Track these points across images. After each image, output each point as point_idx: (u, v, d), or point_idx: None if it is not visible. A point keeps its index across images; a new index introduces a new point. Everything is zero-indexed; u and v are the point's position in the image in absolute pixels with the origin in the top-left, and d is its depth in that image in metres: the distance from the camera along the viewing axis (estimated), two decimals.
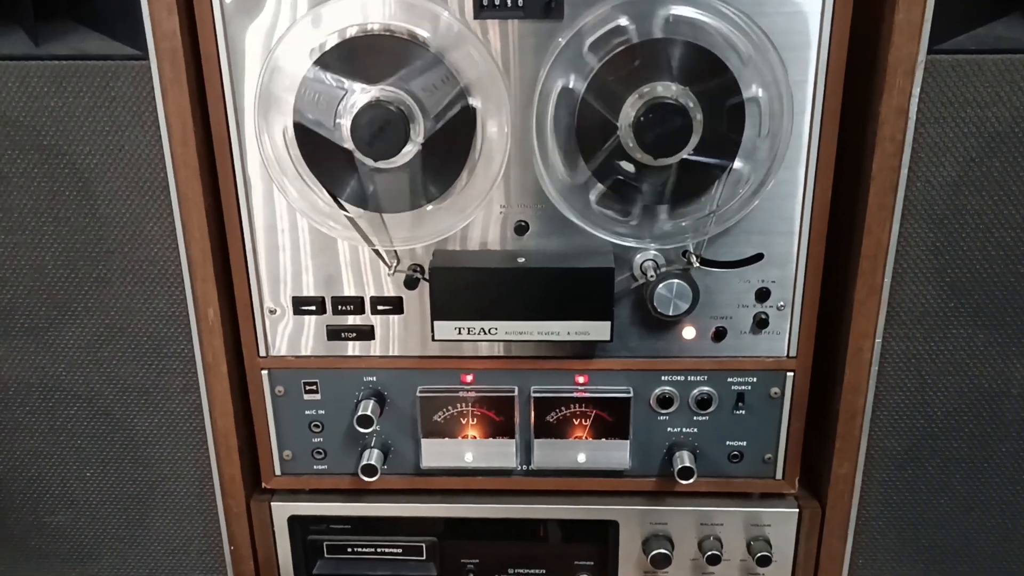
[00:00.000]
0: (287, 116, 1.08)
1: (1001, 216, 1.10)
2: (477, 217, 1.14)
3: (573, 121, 1.08)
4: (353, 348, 1.22)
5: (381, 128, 1.03)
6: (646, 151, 1.05)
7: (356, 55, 1.05)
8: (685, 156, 1.06)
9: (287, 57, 1.06)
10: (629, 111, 1.04)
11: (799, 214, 1.13)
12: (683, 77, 1.04)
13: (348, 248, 1.17)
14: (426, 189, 1.11)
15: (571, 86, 1.06)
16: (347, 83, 1.05)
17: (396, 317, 1.20)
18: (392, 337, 1.21)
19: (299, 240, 1.17)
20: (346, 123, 1.04)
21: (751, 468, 1.27)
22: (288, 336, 1.22)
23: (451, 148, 1.09)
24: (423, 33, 1.06)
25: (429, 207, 1.13)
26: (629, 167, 1.08)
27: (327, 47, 1.05)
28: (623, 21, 1.04)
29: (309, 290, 1.19)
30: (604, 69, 1.04)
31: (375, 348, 1.22)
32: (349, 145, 1.05)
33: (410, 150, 1.06)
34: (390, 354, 1.22)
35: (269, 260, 1.18)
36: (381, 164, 1.08)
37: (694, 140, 1.05)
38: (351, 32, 1.05)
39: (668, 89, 1.04)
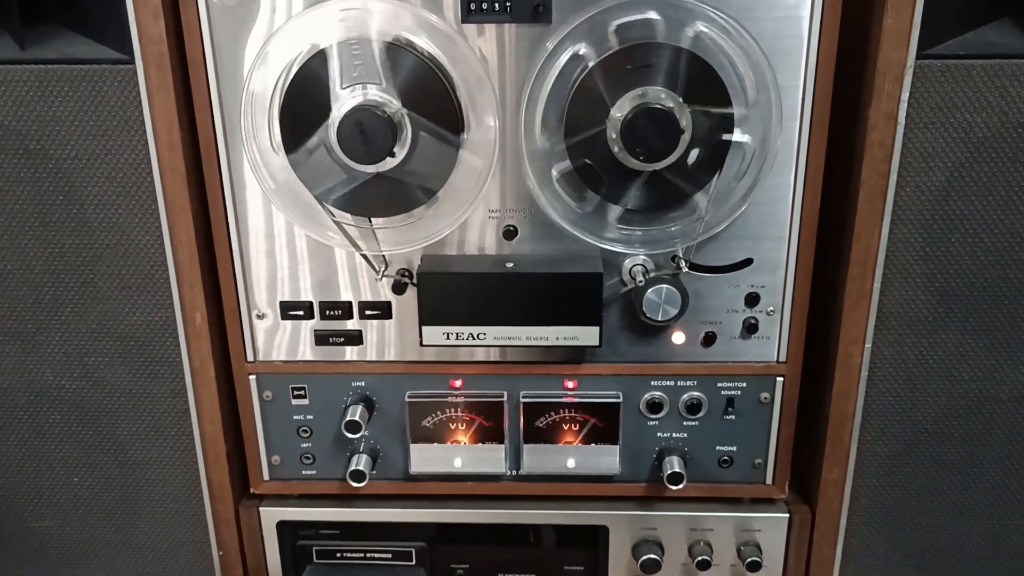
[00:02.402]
0: (274, 119, 1.07)
1: (990, 221, 1.10)
2: (466, 222, 1.14)
3: (561, 127, 1.07)
4: (341, 353, 1.22)
5: (368, 132, 1.03)
6: (636, 157, 1.05)
7: (346, 58, 1.05)
8: (674, 159, 1.06)
9: (276, 58, 1.06)
10: (617, 116, 1.04)
11: (789, 219, 1.13)
12: (675, 85, 1.04)
13: (342, 252, 1.16)
14: (414, 193, 1.10)
15: (582, 53, 1.05)
16: (336, 86, 1.04)
17: (385, 322, 1.20)
18: (381, 342, 1.21)
19: (292, 244, 1.16)
20: (334, 124, 1.04)
21: (741, 473, 1.27)
22: (276, 341, 1.22)
23: (439, 152, 1.08)
24: (413, 37, 1.05)
25: (417, 212, 1.12)
26: (617, 172, 1.08)
27: (318, 48, 1.04)
28: (652, 15, 1.04)
29: (299, 295, 1.19)
30: (588, 79, 1.04)
31: (364, 353, 1.22)
32: (336, 148, 1.05)
33: (397, 155, 1.06)
34: (379, 359, 1.22)
35: (257, 264, 1.18)
36: (368, 168, 1.07)
37: (682, 145, 1.05)
38: (343, 35, 1.05)
39: (659, 96, 1.03)
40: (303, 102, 1.06)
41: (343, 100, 1.05)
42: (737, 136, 1.06)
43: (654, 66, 1.03)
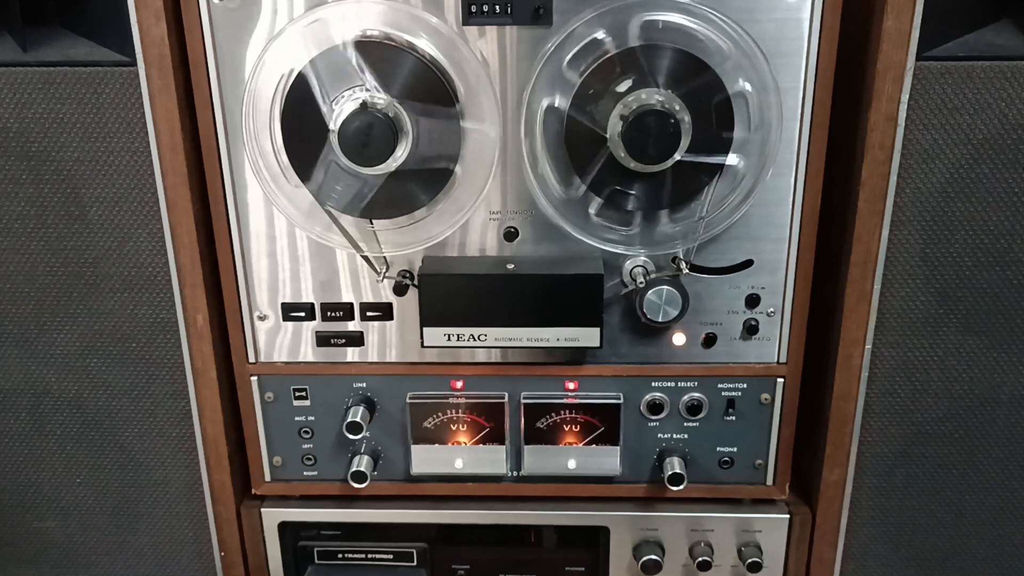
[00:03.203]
0: (275, 121, 1.07)
1: (990, 222, 1.10)
2: (467, 223, 1.14)
3: (562, 132, 1.07)
4: (343, 354, 1.22)
5: (369, 134, 1.03)
6: (638, 159, 1.05)
7: (347, 60, 1.05)
8: (679, 158, 1.06)
9: (278, 60, 1.06)
10: (616, 121, 1.04)
11: (789, 220, 1.13)
12: (666, 81, 1.04)
13: (344, 254, 1.16)
14: (415, 195, 1.10)
15: (556, 104, 1.07)
16: (338, 88, 1.05)
17: (386, 323, 1.20)
18: (382, 343, 1.21)
19: (293, 246, 1.16)
20: (335, 125, 1.04)
21: (742, 474, 1.27)
22: (277, 342, 1.22)
23: (440, 154, 1.09)
24: (414, 40, 1.05)
25: (419, 213, 1.12)
26: (623, 177, 1.08)
27: (319, 50, 1.04)
28: (600, 34, 1.04)
29: (300, 296, 1.19)
30: (585, 83, 1.04)
31: (365, 354, 1.22)
32: (338, 150, 1.05)
33: (398, 156, 1.06)
34: (380, 360, 1.22)
35: (259, 266, 1.18)
36: (370, 170, 1.07)
37: (685, 142, 1.05)
38: (344, 37, 1.05)
39: (652, 95, 1.03)
40: (302, 111, 1.06)
41: (340, 107, 1.05)
42: (733, 87, 1.05)
43: (655, 68, 1.03)
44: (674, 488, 1.22)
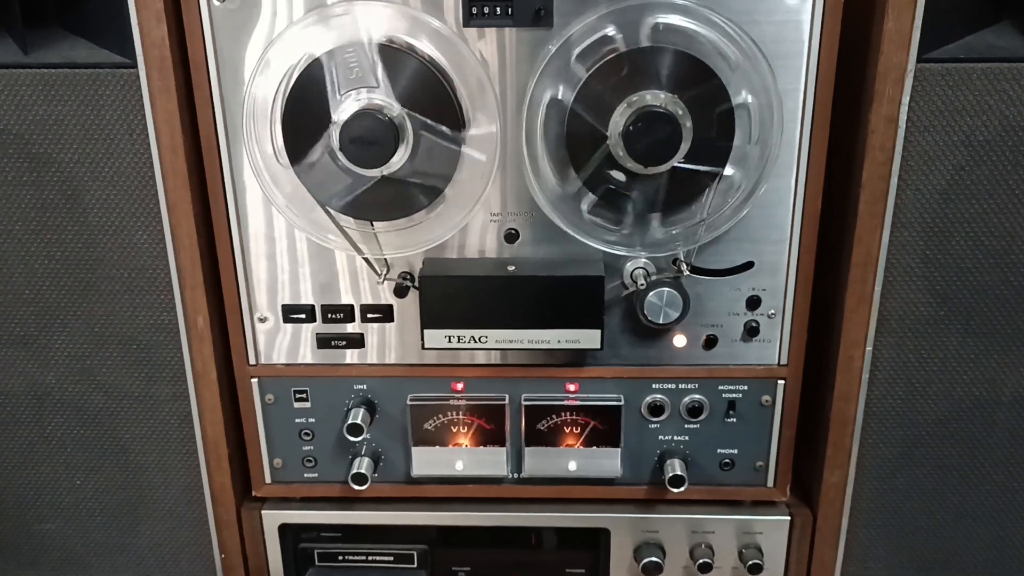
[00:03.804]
0: (276, 123, 1.07)
1: (991, 224, 1.10)
2: (468, 225, 1.14)
3: (563, 130, 1.07)
4: (343, 356, 1.22)
5: (370, 137, 1.03)
6: (636, 160, 1.05)
7: (348, 62, 1.05)
8: (676, 164, 1.06)
9: (278, 62, 1.06)
10: (618, 120, 1.04)
11: (790, 222, 1.13)
12: (671, 85, 1.04)
13: (344, 255, 1.16)
14: (416, 197, 1.10)
15: (560, 96, 1.06)
16: (339, 90, 1.04)
17: (387, 325, 1.20)
18: (382, 345, 1.21)
19: (293, 248, 1.16)
20: (336, 128, 1.04)
21: (742, 476, 1.27)
22: (277, 344, 1.22)
23: (440, 159, 1.09)
24: (415, 42, 1.05)
25: (419, 215, 1.12)
26: (620, 176, 1.08)
27: (320, 52, 1.04)
28: (610, 31, 1.04)
29: (300, 298, 1.19)
30: (592, 79, 1.04)
31: (365, 356, 1.22)
32: (338, 152, 1.05)
33: (399, 158, 1.06)
34: (380, 362, 1.22)
35: (259, 267, 1.18)
36: (370, 172, 1.07)
37: (684, 148, 1.05)
38: (345, 39, 1.05)
39: (657, 97, 1.03)
40: (304, 107, 1.06)
41: (344, 105, 1.05)
42: (737, 99, 1.05)
43: (657, 69, 1.03)
44: (675, 490, 1.22)
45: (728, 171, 1.08)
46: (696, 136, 1.05)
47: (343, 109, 1.04)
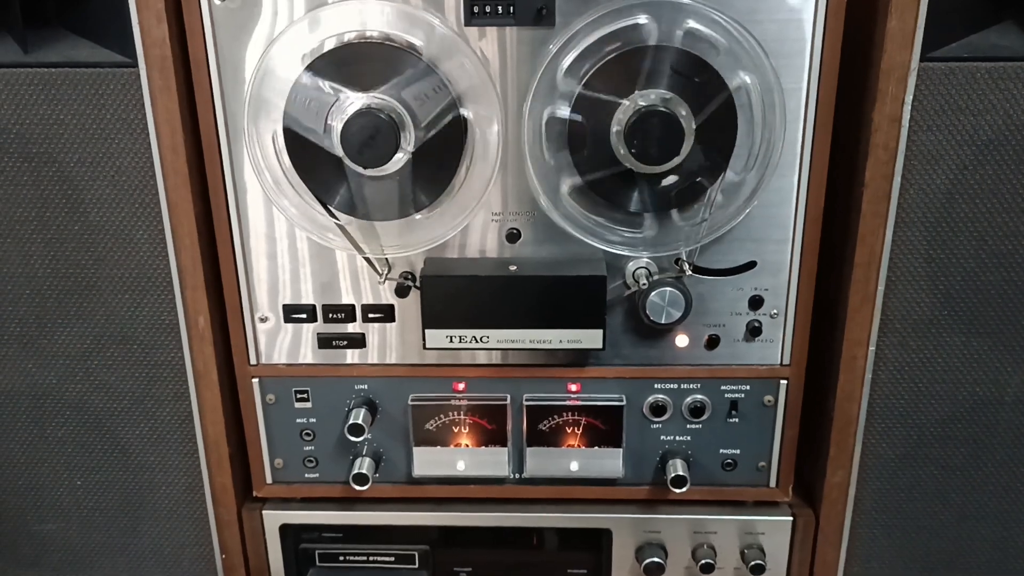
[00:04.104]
0: (277, 122, 1.07)
1: (994, 224, 1.10)
2: (469, 224, 1.14)
3: (565, 130, 1.07)
4: (344, 356, 1.22)
5: (371, 136, 1.03)
6: (640, 160, 1.05)
7: (348, 62, 1.05)
8: (680, 160, 1.05)
9: (278, 62, 1.06)
10: (619, 121, 1.04)
11: (792, 222, 1.13)
12: (679, 88, 1.03)
13: (345, 255, 1.16)
14: (417, 197, 1.10)
15: (559, 111, 1.06)
16: (339, 89, 1.04)
17: (388, 325, 1.20)
18: (383, 345, 1.21)
19: (294, 247, 1.16)
20: (337, 127, 1.04)
21: (745, 476, 1.26)
22: (278, 344, 1.21)
23: (442, 155, 1.08)
24: (416, 41, 1.05)
25: (420, 215, 1.12)
26: (623, 176, 1.07)
27: (321, 52, 1.04)
28: (607, 31, 1.03)
29: (301, 298, 1.19)
30: (591, 82, 1.04)
31: (366, 356, 1.21)
32: (339, 152, 1.05)
33: (400, 158, 1.06)
34: (382, 362, 1.22)
35: (261, 267, 1.17)
36: (371, 172, 1.07)
37: (688, 143, 1.04)
38: (345, 38, 1.05)
39: (655, 96, 1.03)
40: (305, 107, 1.05)
41: (345, 106, 1.04)
42: (733, 82, 1.05)
43: (658, 69, 1.03)
44: (677, 490, 1.21)
45: (733, 164, 1.08)
46: (699, 131, 1.04)
47: (344, 110, 1.04)
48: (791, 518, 1.28)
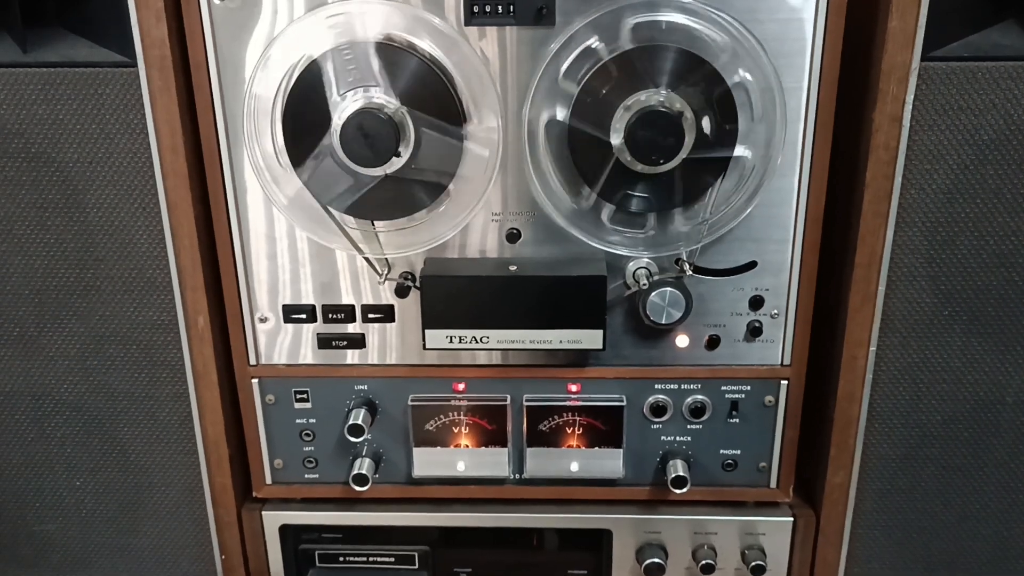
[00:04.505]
0: (311, 50, 1.05)
1: (995, 224, 1.10)
2: (469, 224, 1.14)
3: (565, 143, 1.07)
4: (344, 356, 1.21)
5: (371, 135, 1.03)
6: (644, 161, 1.05)
7: (345, 64, 1.04)
8: (685, 157, 1.05)
9: (279, 62, 1.06)
10: (619, 126, 1.04)
11: (793, 222, 1.13)
12: (666, 80, 1.03)
13: (345, 255, 1.16)
14: (418, 197, 1.10)
15: (557, 115, 1.06)
16: (379, 76, 1.04)
17: (388, 325, 1.19)
18: (383, 345, 1.21)
19: (294, 248, 1.16)
20: (335, 128, 1.04)
21: (745, 477, 1.26)
22: (278, 344, 1.21)
23: (442, 155, 1.08)
24: (416, 40, 1.05)
25: (420, 215, 1.12)
26: (625, 176, 1.07)
27: (299, 69, 1.04)
28: (594, 42, 1.03)
29: (300, 298, 1.18)
30: (587, 88, 1.04)
31: (366, 356, 1.21)
32: (342, 156, 1.04)
33: (400, 157, 1.06)
34: (382, 362, 1.21)
35: (260, 268, 1.17)
36: (371, 171, 1.07)
37: (689, 139, 1.04)
38: (347, 38, 1.04)
39: (653, 96, 1.03)
40: (305, 107, 1.05)
41: (344, 104, 1.04)
42: (732, 79, 1.04)
43: (660, 69, 1.03)
44: (677, 491, 1.21)
45: (740, 151, 1.07)
46: (700, 125, 1.04)
47: (343, 108, 1.04)
48: (792, 519, 1.28)
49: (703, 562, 1.27)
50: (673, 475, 1.21)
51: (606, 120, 1.05)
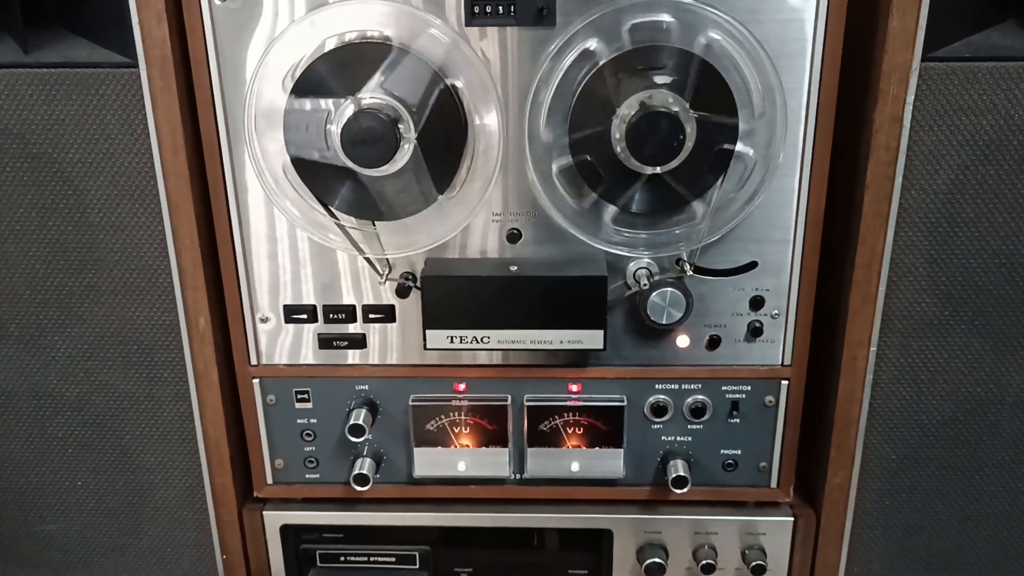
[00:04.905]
0: (283, 154, 1.08)
1: (995, 224, 1.10)
2: (470, 225, 1.14)
3: (567, 125, 1.07)
4: (345, 357, 1.21)
5: (371, 136, 1.03)
6: (645, 162, 1.05)
7: (343, 66, 1.04)
8: (686, 156, 1.05)
9: (276, 65, 1.06)
10: (620, 126, 1.04)
11: (793, 222, 1.13)
12: (666, 81, 1.03)
13: (346, 256, 1.16)
14: (418, 197, 1.10)
15: (559, 117, 1.06)
16: (329, 102, 1.04)
17: (389, 325, 1.20)
18: (384, 345, 1.21)
19: (295, 248, 1.16)
20: (336, 130, 1.03)
21: (746, 477, 1.26)
22: (279, 344, 1.21)
23: (443, 155, 1.08)
24: (416, 40, 1.05)
25: (421, 215, 1.12)
26: (624, 172, 1.07)
27: (299, 71, 1.04)
28: (592, 44, 1.04)
29: (301, 298, 1.19)
30: (588, 88, 1.04)
31: (367, 357, 1.21)
32: (343, 158, 1.04)
33: (403, 155, 1.05)
34: (382, 363, 1.22)
35: (261, 268, 1.17)
36: (375, 172, 1.07)
37: (690, 140, 1.04)
38: (347, 39, 1.05)
39: (654, 96, 1.03)
40: (306, 107, 1.05)
41: (345, 105, 1.04)
42: (741, 143, 1.05)
43: (661, 69, 1.03)
44: (678, 491, 1.21)
45: (739, 147, 1.07)
46: (698, 138, 1.04)
47: (343, 110, 1.04)
48: (792, 519, 1.28)
49: (703, 562, 1.27)
50: (674, 475, 1.21)
51: (607, 121, 1.05)
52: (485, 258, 1.15)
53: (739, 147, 1.06)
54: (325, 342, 1.21)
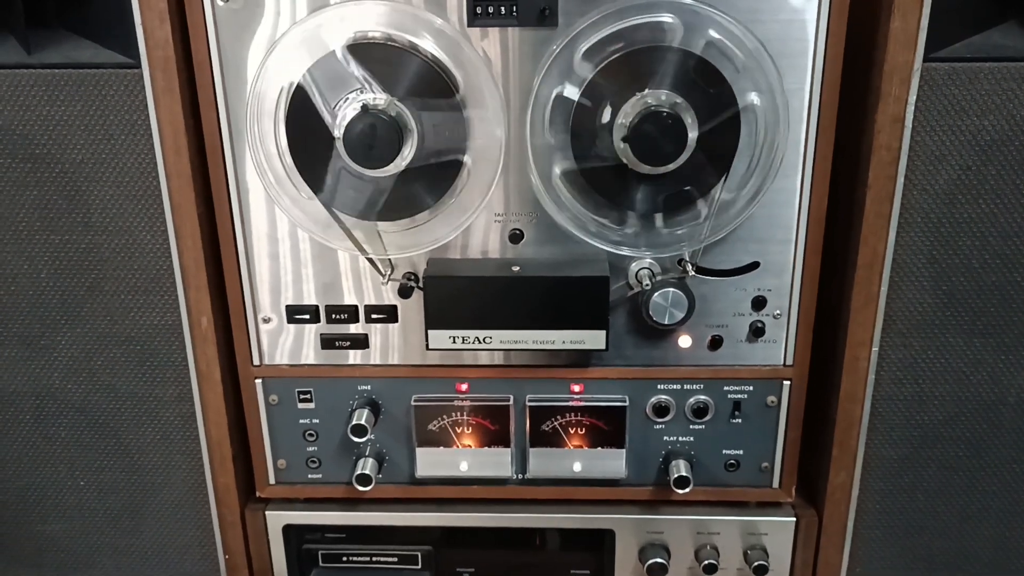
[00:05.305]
0: (295, 74, 1.05)
1: (997, 224, 1.10)
2: (472, 225, 1.14)
3: (568, 128, 1.07)
4: (347, 357, 1.22)
5: (375, 137, 1.03)
6: (647, 162, 1.05)
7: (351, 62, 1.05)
8: (687, 157, 1.05)
9: (281, 62, 1.06)
10: (622, 127, 1.04)
11: (795, 222, 1.13)
12: (668, 82, 1.03)
13: (348, 256, 1.16)
14: (420, 198, 1.10)
15: (565, 94, 1.06)
16: (368, 81, 1.04)
17: (391, 326, 1.20)
18: (386, 346, 1.21)
19: (297, 248, 1.16)
20: (342, 123, 1.04)
21: (748, 477, 1.26)
22: (281, 345, 1.21)
23: (448, 147, 1.08)
24: (418, 41, 1.05)
25: (423, 215, 1.12)
26: (625, 172, 1.08)
27: (361, 39, 1.04)
28: (616, 29, 1.03)
29: (303, 299, 1.19)
30: (597, 79, 1.04)
31: (369, 357, 1.21)
32: (347, 158, 1.04)
33: (404, 158, 1.06)
34: (385, 363, 1.22)
35: (263, 268, 1.17)
36: (375, 173, 1.07)
37: (692, 140, 1.04)
38: (348, 39, 1.05)
39: (660, 98, 1.03)
40: (307, 108, 1.05)
41: (345, 109, 1.04)
42: (743, 101, 1.05)
43: (662, 70, 1.03)
44: (680, 491, 1.21)
45: (740, 151, 1.08)
46: (701, 136, 1.04)
47: (344, 112, 1.04)
48: (794, 519, 1.28)
49: (705, 562, 1.27)
50: (676, 475, 1.21)
51: (608, 121, 1.05)
52: (487, 258, 1.15)
53: (741, 142, 1.06)
54: (327, 342, 1.21)
